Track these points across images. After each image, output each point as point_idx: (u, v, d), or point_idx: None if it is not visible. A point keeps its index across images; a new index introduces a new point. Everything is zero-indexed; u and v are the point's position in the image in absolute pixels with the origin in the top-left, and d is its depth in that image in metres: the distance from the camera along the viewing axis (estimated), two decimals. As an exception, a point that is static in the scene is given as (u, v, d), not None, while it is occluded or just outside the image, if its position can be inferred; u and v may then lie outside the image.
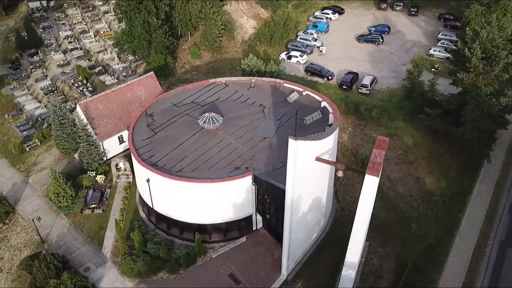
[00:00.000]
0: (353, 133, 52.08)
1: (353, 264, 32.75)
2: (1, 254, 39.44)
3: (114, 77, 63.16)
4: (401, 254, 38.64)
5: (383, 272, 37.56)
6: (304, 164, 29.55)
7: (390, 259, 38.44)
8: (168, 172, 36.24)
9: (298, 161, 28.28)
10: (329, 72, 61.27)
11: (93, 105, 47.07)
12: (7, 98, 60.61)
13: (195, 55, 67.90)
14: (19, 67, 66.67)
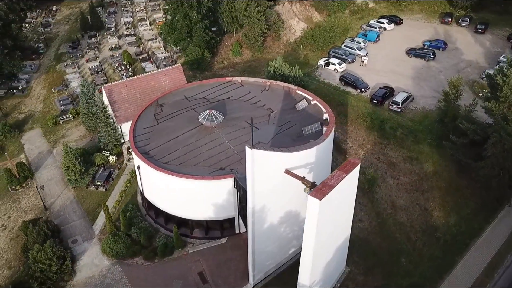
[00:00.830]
0: (371, 151, 49.12)
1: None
2: (9, 214, 43.45)
3: (155, 65, 65.99)
4: (380, 287, 35.82)
5: (356, 302, 35.25)
6: (267, 174, 28.56)
7: (367, 290, 35.94)
8: (154, 162, 37.19)
9: (256, 170, 27.39)
10: (363, 84, 58.26)
11: (117, 89, 49.66)
12: (59, 73, 66.22)
13: (235, 52, 68.50)
14: (77, 47, 72.43)
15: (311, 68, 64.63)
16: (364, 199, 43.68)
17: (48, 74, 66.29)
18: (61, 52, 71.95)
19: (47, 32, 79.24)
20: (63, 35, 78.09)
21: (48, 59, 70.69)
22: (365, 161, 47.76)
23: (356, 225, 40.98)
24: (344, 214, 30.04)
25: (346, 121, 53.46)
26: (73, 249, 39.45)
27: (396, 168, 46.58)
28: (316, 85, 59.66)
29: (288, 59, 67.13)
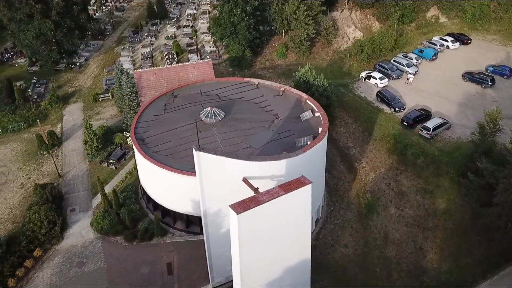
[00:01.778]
0: (383, 175, 45.72)
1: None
2: (30, 175, 48.18)
3: (199, 58, 67.96)
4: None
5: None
6: (221, 179, 28.17)
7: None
8: (145, 149, 38.58)
9: (204, 172, 27.16)
10: (399, 103, 54.16)
11: (146, 76, 52.14)
12: (115, 55, 71.29)
13: (280, 54, 67.88)
14: (137, 33, 77.30)
15: (351, 79, 61.76)
16: (358, 225, 40.95)
17: (106, 54, 71.75)
18: (124, 36, 77.31)
19: (119, 16, 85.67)
20: (131, 21, 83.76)
21: (111, 41, 76.43)
22: (373, 185, 44.64)
23: (339, 249, 38.74)
24: (292, 236, 28.37)
25: (368, 140, 50.40)
26: (69, 217, 42.66)
27: (404, 198, 42.85)
28: (350, 97, 56.99)
29: (332, 67, 65.20)
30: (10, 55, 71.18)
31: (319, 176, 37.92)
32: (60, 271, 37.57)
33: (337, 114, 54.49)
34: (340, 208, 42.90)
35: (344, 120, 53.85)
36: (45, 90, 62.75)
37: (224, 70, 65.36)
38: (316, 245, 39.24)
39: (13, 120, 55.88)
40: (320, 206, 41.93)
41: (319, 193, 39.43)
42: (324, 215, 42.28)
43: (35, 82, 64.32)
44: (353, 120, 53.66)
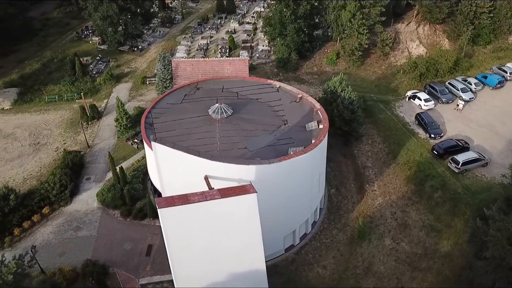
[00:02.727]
0: (391, 203, 42.52)
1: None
2: (66, 141, 53.23)
3: (249, 55, 68.78)
4: None
5: None
6: (180, 173, 28.73)
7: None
8: (147, 133, 40.39)
9: (160, 163, 27.93)
10: (436, 130, 49.64)
11: (183, 66, 54.37)
12: (175, 43, 75.08)
13: (330, 61, 66.01)
14: (202, 24, 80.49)
15: (396, 97, 57.94)
16: (345, 248, 38.72)
17: (167, 41, 75.92)
18: (189, 26, 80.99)
19: (192, 7, 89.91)
20: (201, 12, 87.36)
21: (177, 29, 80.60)
22: (376, 211, 41.74)
23: (316, 269, 37.13)
24: (240, 243, 27.88)
25: (390, 163, 47.23)
26: (82, 185, 46.47)
27: (404, 232, 39.48)
28: (386, 116, 53.67)
29: (380, 81, 61.95)
30: (88, 33, 78.83)
31: (304, 186, 36.39)
32: (58, 231, 41.27)
33: (366, 131, 51.72)
34: (334, 227, 40.87)
35: (372, 138, 50.89)
36: (105, 68, 68.46)
37: (269, 70, 65.46)
38: (294, 260, 38.08)
39: (70, 90, 62.07)
40: (318, 208, 40.85)
41: (304, 203, 37.85)
42: (314, 231, 40.65)
43: (99, 59, 70.53)
44: (382, 139, 50.46)
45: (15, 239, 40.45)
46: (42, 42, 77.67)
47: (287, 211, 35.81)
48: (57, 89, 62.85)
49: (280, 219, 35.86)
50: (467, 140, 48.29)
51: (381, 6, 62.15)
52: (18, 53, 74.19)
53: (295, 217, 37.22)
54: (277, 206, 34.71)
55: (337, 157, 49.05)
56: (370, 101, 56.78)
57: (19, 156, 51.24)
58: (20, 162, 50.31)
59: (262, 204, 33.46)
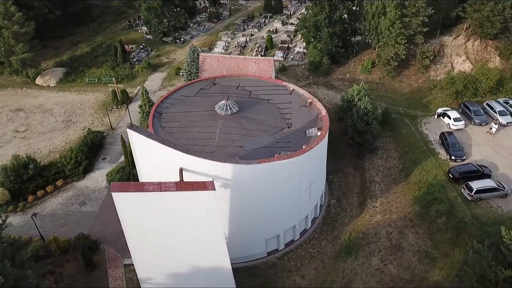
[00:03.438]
0: (389, 222, 40.50)
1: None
2: (94, 121, 56.70)
3: (283, 56, 68.49)
4: None
5: None
6: (155, 162, 29.63)
7: None
8: (154, 122, 41.84)
9: (136, 149, 29.00)
10: (458, 152, 46.33)
11: (210, 60, 55.66)
12: (216, 39, 76.61)
13: (364, 69, 63.85)
14: (246, 22, 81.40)
15: (425, 113, 54.80)
16: (330, 262, 37.60)
17: (209, 36, 77.75)
18: (234, 23, 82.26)
19: (241, 4, 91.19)
20: (249, 10, 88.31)
21: (221, 25, 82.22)
22: (371, 228, 39.98)
23: (294, 277, 36.50)
24: (200, 238, 28.15)
25: (400, 181, 45.03)
26: (97, 163, 49.33)
27: (395, 254, 37.44)
28: (409, 131, 51.17)
29: (412, 95, 59.08)
30: (138, 22, 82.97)
31: (290, 192, 35.75)
32: (65, 203, 44.27)
33: (384, 144, 49.63)
34: (324, 238, 39.76)
35: (388, 153, 48.69)
36: (146, 56, 71.75)
37: (300, 72, 64.80)
38: (275, 265, 37.67)
39: (109, 74, 65.94)
40: (310, 217, 40.19)
41: (290, 210, 37.21)
42: (303, 239, 39.84)
43: (142, 47, 74.04)
44: (398, 155, 48.12)
45: (27, 205, 44.00)
46: (96, 28, 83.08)
47: (269, 214, 35.48)
48: (98, 72, 67.05)
49: (261, 221, 35.66)
50: (492, 168, 44.57)
51: (424, 16, 58.87)
52: (74, 36, 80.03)
53: (278, 222, 36.75)
54: (257, 207, 34.58)
55: (347, 167, 47.54)
56: (396, 114, 54.27)
57: (51, 131, 55.50)
58: (50, 136, 54.49)
59: (241, 204, 33.94)
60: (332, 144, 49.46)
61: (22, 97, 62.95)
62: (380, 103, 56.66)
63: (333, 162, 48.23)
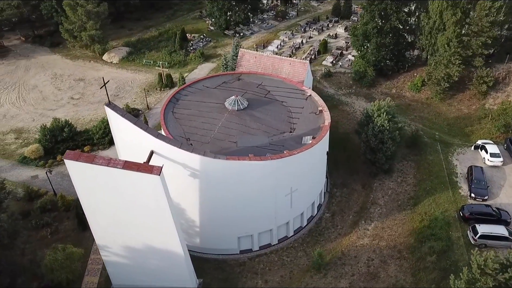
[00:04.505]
0: (374, 248, 38.14)
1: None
2: (136, 99, 61.18)
3: (334, 61, 66.83)
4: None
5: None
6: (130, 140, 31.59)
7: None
8: (168, 107, 44.06)
9: (113, 125, 31.20)
10: (481, 190, 41.71)
11: (248, 57, 56.66)
12: (273, 37, 77.16)
13: (413, 86, 59.75)
14: (308, 24, 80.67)
15: (463, 142, 49.88)
16: (298, 274, 36.52)
17: (269, 34, 78.57)
18: (297, 24, 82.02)
19: (313, 6, 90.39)
20: (318, 13, 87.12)
21: (285, 25, 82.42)
22: (353, 251, 38.00)
23: (257, 280, 36.20)
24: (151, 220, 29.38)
25: (405, 209, 42.01)
26: (124, 137, 53.41)
27: (368, 283, 35.37)
28: (436, 159, 47.44)
29: (458, 121, 54.49)
30: (207, 14, 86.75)
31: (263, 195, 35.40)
32: (85, 167, 48.81)
33: (403, 167, 46.52)
34: (303, 250, 38.68)
35: (404, 177, 45.57)
36: (203, 46, 75.05)
37: (344, 80, 62.82)
38: (244, 264, 37.76)
39: (164, 58, 70.38)
40: (292, 224, 39.65)
41: (264, 213, 36.97)
42: (281, 246, 39.25)
43: (202, 38, 77.53)
44: (414, 182, 44.83)
45: (55, 163, 49.44)
46: (170, 15, 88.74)
47: (240, 212, 35.64)
48: (155, 56, 71.88)
49: (232, 218, 35.99)
50: (508, 212, 39.32)
51: (488, 37, 53.16)
52: (148, 21, 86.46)
53: (251, 222, 36.69)
54: (227, 203, 34.96)
55: (355, 184, 45.43)
56: (429, 139, 50.21)
57: (99, 102, 61.15)
58: (96, 106, 60.10)
59: (210, 196, 34.73)
60: (347, 158, 47.87)
61: (87, 69, 70.15)
62: (416, 124, 52.95)
63: (343, 176, 46.52)
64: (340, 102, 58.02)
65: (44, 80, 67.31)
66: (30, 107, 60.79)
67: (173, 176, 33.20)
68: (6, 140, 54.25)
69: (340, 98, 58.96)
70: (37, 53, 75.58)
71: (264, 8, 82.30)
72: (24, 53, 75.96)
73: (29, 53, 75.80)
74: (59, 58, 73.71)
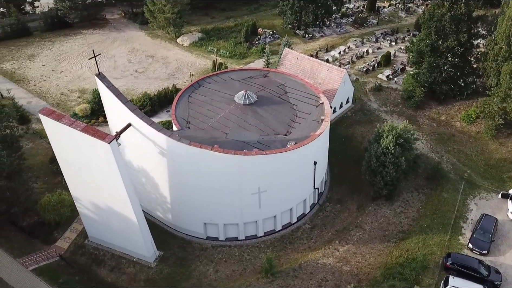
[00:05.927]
0: (335, 270, 36.42)
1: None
2: (187, 81, 65.45)
3: (390, 76, 63.00)
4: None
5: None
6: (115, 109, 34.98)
7: None
8: (188, 90, 46.88)
9: (102, 94, 34.89)
10: (480, 242, 36.95)
11: (291, 56, 56.94)
12: (340, 43, 75.09)
13: (466, 117, 53.62)
14: (383, 34, 76.62)
15: (494, 187, 43.85)
16: (248, 272, 36.70)
17: (338, 39, 76.41)
18: (372, 33, 78.35)
19: (400, 17, 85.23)
20: (402, 25, 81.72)
21: (360, 32, 79.20)
22: (311, 266, 36.65)
23: (207, 267, 37.34)
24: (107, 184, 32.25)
25: (388, 241, 39.12)
26: (160, 113, 57.92)
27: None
28: (453, 198, 42.78)
29: (500, 164, 48.39)
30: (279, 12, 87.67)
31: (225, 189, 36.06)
32: (117, 132, 54.52)
33: (410, 198, 43.07)
34: (265, 252, 38.48)
35: (405, 208, 42.17)
36: (269, 42, 76.42)
37: (392, 97, 59.02)
38: (206, 249, 39.24)
39: (227, 48, 73.65)
40: (261, 224, 39.94)
41: (228, 205, 37.68)
42: (247, 242, 39.55)
43: (271, 34, 78.90)
44: (415, 216, 41.34)
45: (95, 123, 55.80)
46: (254, 9, 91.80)
47: (203, 198, 36.95)
48: (221, 45, 75.56)
49: (196, 202, 37.52)
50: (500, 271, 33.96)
51: (561, 74, 45.34)
52: (232, 12, 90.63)
53: (215, 211, 37.74)
54: (192, 187, 36.61)
55: (350, 204, 43.36)
56: (456, 175, 45.19)
57: (156, 78, 66.94)
58: (152, 82, 65.80)
59: (176, 177, 36.73)
60: (355, 176, 45.70)
61: (160, 48, 76.87)
62: (449, 158, 47.93)
63: (343, 192, 44.76)
64: (378, 118, 54.76)
65: (122, 52, 75.63)
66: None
67: (147, 151, 36.14)
68: (71, 97, 62.87)
69: (380, 115, 55.63)
70: (127, 28, 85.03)
71: (335, 10, 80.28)
72: (118, 27, 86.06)
73: (122, 27, 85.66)
74: (142, 35, 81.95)
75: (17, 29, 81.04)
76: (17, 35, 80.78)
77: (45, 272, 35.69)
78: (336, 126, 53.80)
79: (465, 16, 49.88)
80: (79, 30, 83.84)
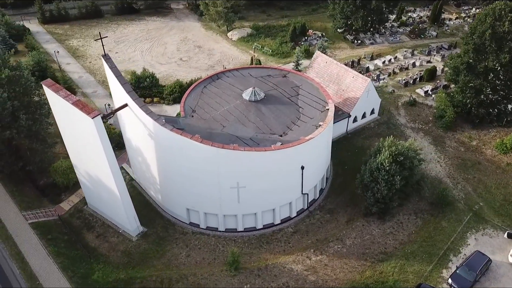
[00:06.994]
0: (304, 278, 35.55)
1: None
2: (223, 74, 67.34)
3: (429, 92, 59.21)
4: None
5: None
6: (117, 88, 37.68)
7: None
8: (205, 81, 48.60)
9: (108, 73, 37.71)
10: (461, 280, 33.93)
11: (320, 59, 56.22)
12: (388, 51, 71.78)
13: (501, 146, 48.95)
14: (438, 49, 71.80)
15: (505, 226, 39.80)
16: (216, 262, 37.47)
17: (387, 48, 73.08)
18: (426, 45, 73.67)
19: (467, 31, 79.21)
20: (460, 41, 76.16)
21: (414, 43, 74.64)
22: (278, 270, 36.43)
23: (179, 252, 38.75)
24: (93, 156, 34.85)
25: (365, 260, 37.52)
26: (187, 101, 60.49)
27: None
28: (452, 228, 40.06)
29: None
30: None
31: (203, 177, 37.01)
32: (144, 113, 58.11)
33: (405, 220, 41.00)
34: (241, 246, 38.89)
35: (396, 231, 40.24)
36: (314, 44, 75.55)
37: (424, 113, 55.60)
38: (185, 233, 40.61)
39: (272, 46, 74.24)
40: (241, 218, 40.50)
41: (206, 194, 38.59)
42: (227, 235, 40.28)
43: (320, 36, 77.77)
44: (404, 240, 39.31)
45: (128, 103, 60.20)
46: (312, 10, 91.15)
47: (184, 184, 38.29)
48: (267, 42, 76.34)
49: (179, 187, 39.03)
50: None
51: None
52: (289, 11, 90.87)
53: (196, 199, 38.88)
54: (175, 171, 38.22)
55: (341, 216, 42.08)
56: (464, 206, 41.79)
57: (196, 68, 69.84)
58: (192, 71, 68.62)
59: (162, 160, 38.68)
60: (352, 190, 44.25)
61: (209, 40, 79.80)
62: (465, 186, 44.30)
63: (337, 203, 43.68)
64: (402, 134, 52.00)
65: (174, 40, 79.80)
66: (149, 58, 73.71)
67: (139, 132, 38.49)
68: (116, 76, 68.00)
69: (405, 131, 52.78)
70: (187, 19, 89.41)
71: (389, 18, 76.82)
72: (179, 16, 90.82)
73: (182, 17, 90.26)
74: (198, 26, 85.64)
75: (91, 10, 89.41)
76: (90, 16, 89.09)
77: (40, 227, 39.73)
78: (354, 136, 52.22)
79: (508, 34, 45.37)
80: (144, 17, 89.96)
